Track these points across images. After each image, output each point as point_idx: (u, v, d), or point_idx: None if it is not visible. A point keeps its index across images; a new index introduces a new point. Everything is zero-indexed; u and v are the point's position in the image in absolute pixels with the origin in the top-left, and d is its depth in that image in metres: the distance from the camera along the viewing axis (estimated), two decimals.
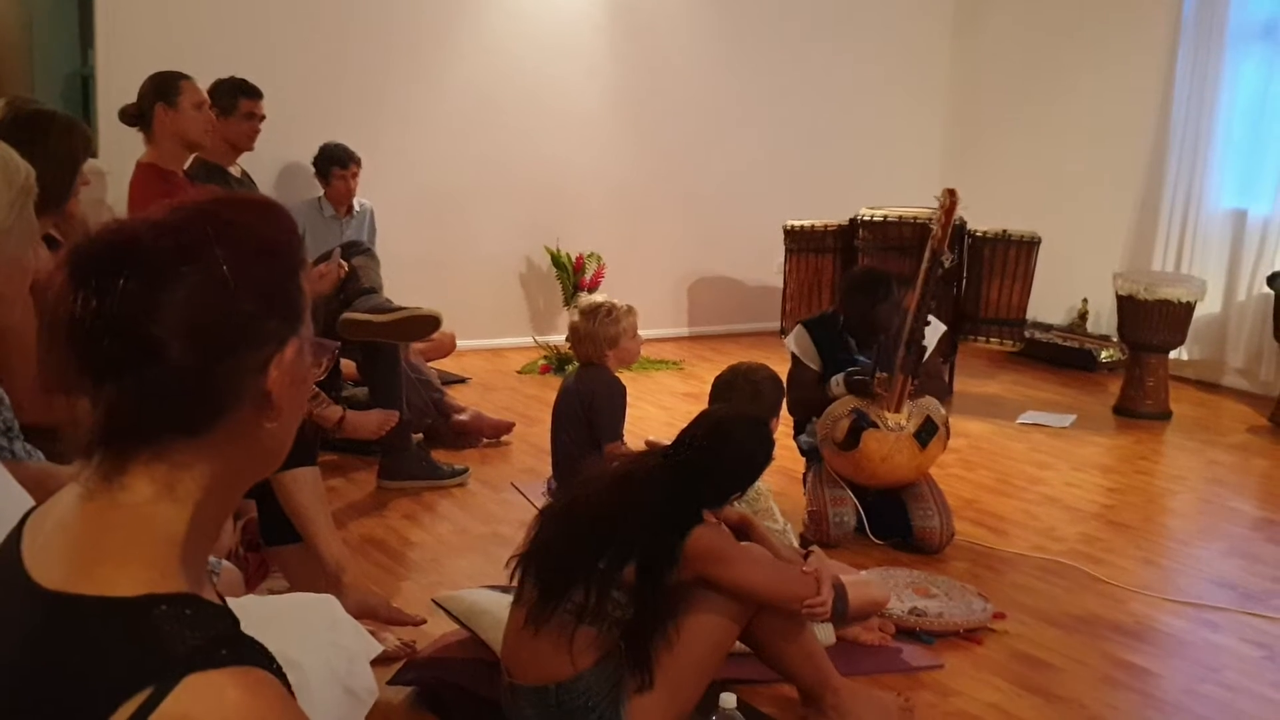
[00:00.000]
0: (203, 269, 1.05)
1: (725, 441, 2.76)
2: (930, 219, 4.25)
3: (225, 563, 2.65)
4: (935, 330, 4.35)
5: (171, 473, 1.07)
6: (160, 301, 1.02)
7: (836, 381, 4.21)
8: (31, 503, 1.66)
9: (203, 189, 1.23)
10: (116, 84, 5.37)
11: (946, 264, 4.13)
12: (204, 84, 4.71)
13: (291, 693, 1.05)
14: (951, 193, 4.16)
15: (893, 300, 4.26)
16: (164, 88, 4.41)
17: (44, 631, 1.02)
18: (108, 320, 1.02)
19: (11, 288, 1.78)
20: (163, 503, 1.07)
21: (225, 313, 1.05)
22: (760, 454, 2.85)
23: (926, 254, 4.11)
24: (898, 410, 4.06)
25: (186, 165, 4.68)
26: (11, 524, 1.18)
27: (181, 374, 1.04)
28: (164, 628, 0.99)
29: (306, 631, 2.08)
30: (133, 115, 4.48)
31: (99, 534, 1.06)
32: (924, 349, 4.15)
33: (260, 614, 1.77)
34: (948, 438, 4.22)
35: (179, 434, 1.07)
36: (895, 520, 4.13)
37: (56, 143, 2.77)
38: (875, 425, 4.04)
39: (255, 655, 1.02)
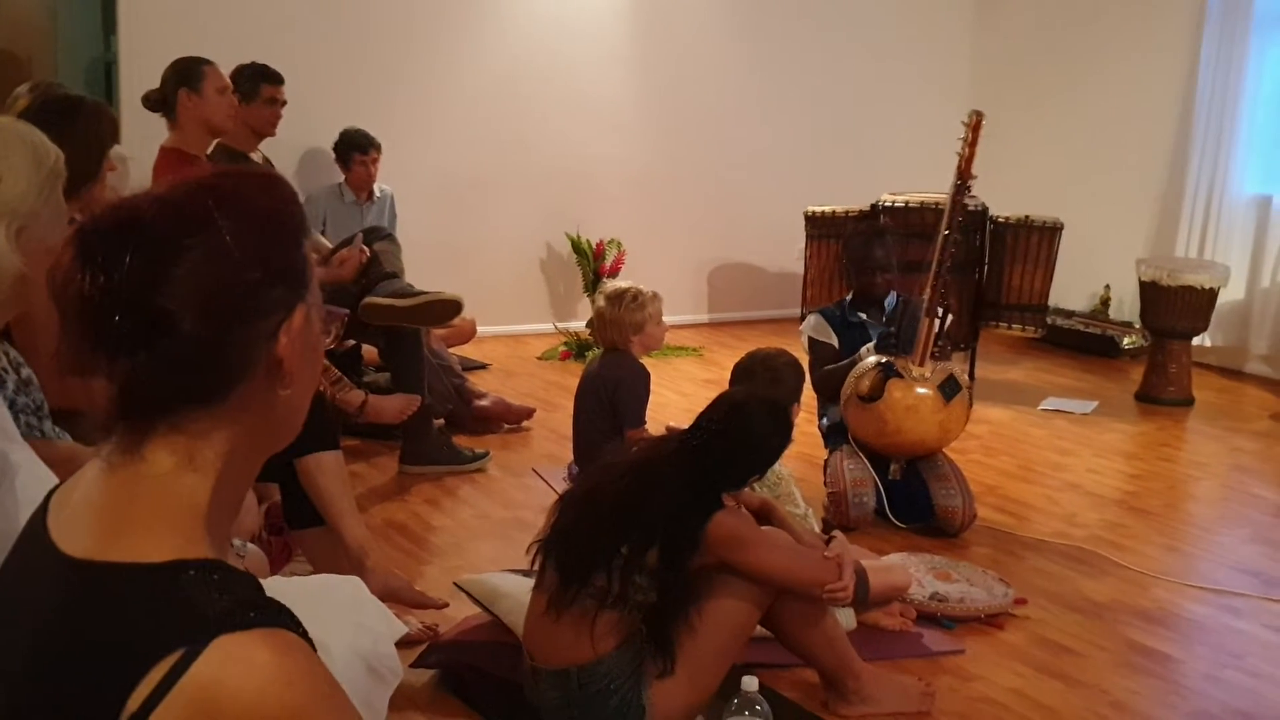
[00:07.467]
0: (206, 241, 1.06)
1: (742, 423, 2.75)
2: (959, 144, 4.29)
3: (250, 545, 2.67)
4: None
5: (191, 443, 1.08)
6: (167, 275, 1.04)
7: (868, 348, 4.29)
8: (57, 481, 1.68)
9: (207, 166, 1.24)
10: (139, 69, 5.39)
11: (972, 189, 4.21)
12: (225, 69, 4.71)
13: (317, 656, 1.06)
14: (978, 114, 4.18)
15: (888, 243, 4.44)
16: (187, 73, 4.43)
17: (74, 599, 1.04)
18: (117, 296, 1.03)
19: (39, 271, 1.80)
20: (184, 472, 1.08)
21: (231, 282, 1.07)
22: (777, 435, 2.83)
23: (954, 179, 4.16)
24: (922, 364, 4.15)
25: (208, 151, 4.70)
26: (39, 502, 1.20)
27: (194, 345, 1.05)
28: (193, 591, 1.01)
29: (332, 612, 2.09)
30: (156, 101, 4.49)
31: (124, 504, 1.07)
32: (948, 294, 4.25)
33: (286, 594, 1.78)
34: (970, 405, 4.23)
35: (195, 404, 1.08)
36: (917, 500, 4.13)
37: (85, 127, 2.79)
38: (901, 376, 4.11)
39: (283, 618, 1.03)
